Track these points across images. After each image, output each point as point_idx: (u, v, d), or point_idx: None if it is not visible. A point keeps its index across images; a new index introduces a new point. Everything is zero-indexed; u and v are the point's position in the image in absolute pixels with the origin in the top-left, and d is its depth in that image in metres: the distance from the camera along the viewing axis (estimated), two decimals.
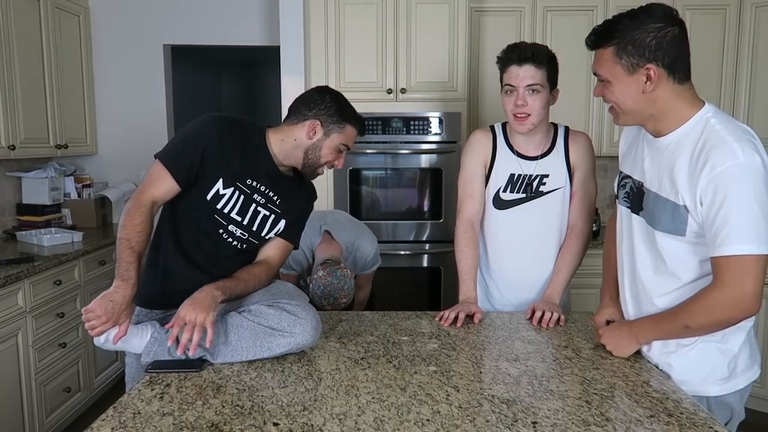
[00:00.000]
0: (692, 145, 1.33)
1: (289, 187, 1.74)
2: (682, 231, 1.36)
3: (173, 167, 1.59)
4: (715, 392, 1.42)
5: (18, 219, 3.49)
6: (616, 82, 1.38)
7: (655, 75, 1.34)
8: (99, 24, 3.87)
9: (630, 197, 1.52)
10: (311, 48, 3.17)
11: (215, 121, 1.64)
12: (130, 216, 1.54)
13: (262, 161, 1.68)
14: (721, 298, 1.29)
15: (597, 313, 1.67)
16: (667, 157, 1.39)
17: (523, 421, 1.17)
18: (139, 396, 1.29)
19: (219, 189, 1.62)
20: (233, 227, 1.67)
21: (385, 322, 1.81)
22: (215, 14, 3.88)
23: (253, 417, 1.19)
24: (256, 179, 1.67)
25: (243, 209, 1.66)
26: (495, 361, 1.50)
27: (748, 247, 1.24)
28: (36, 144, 3.25)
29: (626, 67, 1.36)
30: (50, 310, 2.80)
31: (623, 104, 1.40)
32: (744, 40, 3.43)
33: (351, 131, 1.69)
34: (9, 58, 2.99)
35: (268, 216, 1.70)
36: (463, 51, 3.16)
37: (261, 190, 1.68)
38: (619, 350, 1.52)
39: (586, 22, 3.45)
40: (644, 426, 1.15)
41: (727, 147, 1.27)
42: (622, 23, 1.36)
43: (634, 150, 1.55)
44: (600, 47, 1.40)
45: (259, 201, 1.68)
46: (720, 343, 1.40)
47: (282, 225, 1.73)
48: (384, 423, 1.16)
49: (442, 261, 3.25)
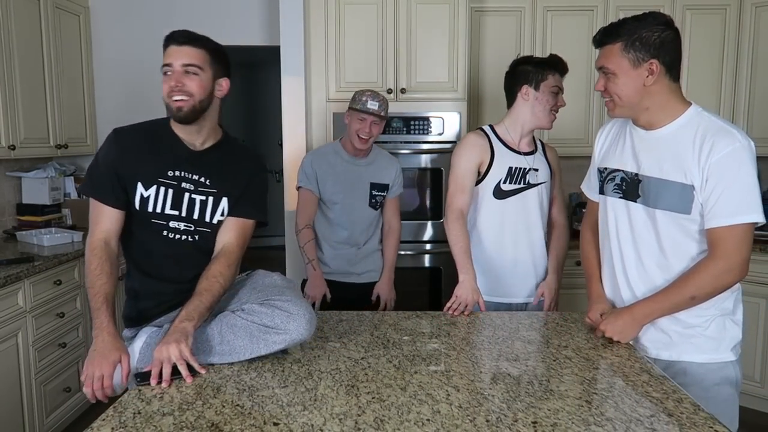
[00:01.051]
0: (692, 133, 1.51)
1: (218, 164, 1.69)
2: (687, 209, 1.52)
3: (100, 194, 1.62)
4: (734, 356, 1.60)
5: (18, 219, 3.49)
6: (621, 74, 1.54)
7: (656, 70, 1.52)
8: (99, 24, 3.87)
9: (622, 188, 1.66)
10: (311, 48, 3.17)
11: (112, 137, 1.65)
12: (87, 263, 1.58)
13: (176, 149, 1.66)
14: (724, 268, 1.48)
15: (590, 310, 1.76)
16: (666, 145, 1.55)
17: (523, 421, 1.18)
18: (139, 396, 1.29)
19: (142, 193, 1.62)
20: (174, 223, 1.65)
21: (385, 322, 1.81)
22: (215, 14, 3.89)
23: (253, 417, 1.19)
24: (176, 168, 1.64)
25: (176, 202, 1.64)
26: (495, 361, 1.50)
27: (747, 216, 1.45)
28: (36, 144, 3.25)
29: (632, 60, 1.52)
30: (50, 310, 2.80)
31: (624, 95, 1.56)
32: (744, 40, 3.43)
33: (164, 54, 1.60)
34: (9, 58, 2.99)
35: (205, 200, 1.67)
36: (463, 51, 3.16)
37: (187, 177, 1.65)
38: (625, 336, 1.61)
39: (586, 22, 3.45)
40: (644, 426, 1.15)
41: (728, 133, 1.47)
42: (629, 23, 1.53)
43: (617, 146, 1.70)
44: (608, 43, 1.56)
45: (189, 188, 1.65)
46: (731, 315, 1.60)
47: (225, 203, 1.69)
48: (384, 423, 1.17)
49: (442, 261, 3.25)
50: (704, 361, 1.58)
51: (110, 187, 1.61)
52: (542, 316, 1.90)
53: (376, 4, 3.14)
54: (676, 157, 1.52)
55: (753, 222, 1.46)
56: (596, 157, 1.80)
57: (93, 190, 1.63)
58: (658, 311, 1.58)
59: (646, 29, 1.50)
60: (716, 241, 1.48)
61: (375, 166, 2.58)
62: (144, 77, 3.95)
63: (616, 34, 1.53)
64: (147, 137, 1.66)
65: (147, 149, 1.64)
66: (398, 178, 2.64)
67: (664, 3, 3.43)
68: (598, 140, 1.81)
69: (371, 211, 2.58)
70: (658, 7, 3.43)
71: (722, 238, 1.47)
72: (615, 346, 1.60)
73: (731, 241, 1.46)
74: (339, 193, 2.51)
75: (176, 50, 1.58)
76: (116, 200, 1.61)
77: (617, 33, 1.53)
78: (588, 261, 1.84)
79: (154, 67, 3.90)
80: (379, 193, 2.59)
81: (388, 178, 2.60)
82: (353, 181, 2.53)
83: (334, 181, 2.51)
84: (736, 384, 1.60)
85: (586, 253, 1.87)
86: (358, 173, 2.54)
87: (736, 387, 1.60)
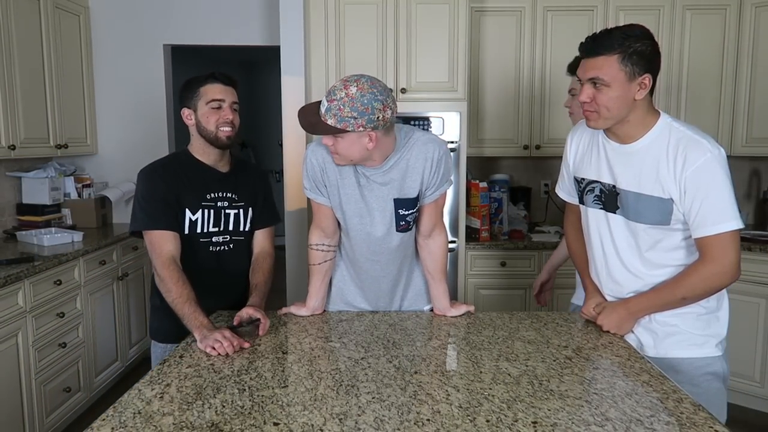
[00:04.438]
0: (664, 146, 1.53)
1: (237, 178, 1.95)
2: (667, 221, 1.56)
3: (160, 224, 1.79)
4: (720, 352, 1.65)
5: (18, 219, 3.50)
6: (616, 87, 1.51)
7: (648, 84, 1.52)
8: (99, 24, 3.87)
9: (602, 199, 1.68)
10: (311, 48, 3.17)
11: (149, 175, 1.85)
12: (165, 281, 1.74)
13: (203, 173, 1.89)
14: (713, 271, 1.53)
15: (585, 305, 1.80)
16: (640, 159, 1.57)
17: (523, 421, 1.17)
18: (139, 396, 1.29)
19: (190, 218, 1.85)
20: (216, 238, 1.90)
21: (385, 322, 1.81)
22: (215, 14, 3.89)
23: (253, 417, 1.19)
24: (210, 191, 1.88)
25: (216, 220, 1.89)
26: (495, 361, 1.50)
27: (729, 224, 1.49)
28: (36, 144, 3.25)
29: (628, 74, 1.50)
30: (50, 310, 2.80)
31: (613, 107, 1.53)
32: (744, 40, 3.43)
33: (207, 88, 1.83)
34: (9, 58, 2.99)
35: (238, 213, 1.93)
36: (463, 51, 3.16)
37: (221, 196, 1.90)
38: (622, 329, 1.66)
39: (586, 22, 3.45)
40: (644, 426, 1.15)
41: (699, 144, 1.50)
42: (619, 34, 1.49)
43: (591, 157, 1.70)
44: (602, 54, 1.51)
45: (225, 205, 1.90)
46: (716, 312, 1.65)
47: (251, 212, 1.95)
48: (384, 423, 1.17)
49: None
50: (691, 356, 1.62)
51: (167, 214, 1.80)
52: (542, 316, 1.90)
53: (376, 4, 3.14)
54: (651, 171, 1.55)
55: (733, 228, 1.50)
56: (570, 164, 1.80)
57: (152, 222, 1.80)
58: (653, 307, 1.63)
59: (639, 43, 1.48)
60: (704, 247, 1.54)
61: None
62: (144, 77, 3.96)
63: (610, 45, 1.49)
64: (179, 169, 1.88)
65: (182, 179, 1.85)
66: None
67: (664, 3, 3.43)
68: (570, 146, 1.80)
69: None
70: (658, 8, 3.44)
71: (709, 244, 1.52)
72: (615, 346, 1.60)
73: (717, 246, 1.52)
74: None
75: (226, 90, 1.84)
76: (174, 225, 1.81)
77: (611, 44, 1.49)
78: (578, 257, 1.87)
79: (154, 67, 3.95)
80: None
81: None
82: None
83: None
84: (724, 378, 1.66)
85: (574, 250, 1.90)
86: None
87: (724, 381, 1.66)
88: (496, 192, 3.42)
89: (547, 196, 3.90)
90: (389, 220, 1.76)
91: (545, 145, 3.56)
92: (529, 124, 3.55)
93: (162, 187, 1.81)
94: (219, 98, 1.82)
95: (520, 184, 3.92)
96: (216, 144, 1.85)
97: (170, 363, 1.48)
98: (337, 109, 1.53)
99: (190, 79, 1.87)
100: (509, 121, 3.55)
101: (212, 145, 1.86)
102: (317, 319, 1.85)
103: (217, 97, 1.82)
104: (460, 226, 3.24)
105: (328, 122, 1.55)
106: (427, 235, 1.86)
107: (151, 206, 1.80)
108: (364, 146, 1.59)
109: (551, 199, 3.87)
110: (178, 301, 1.69)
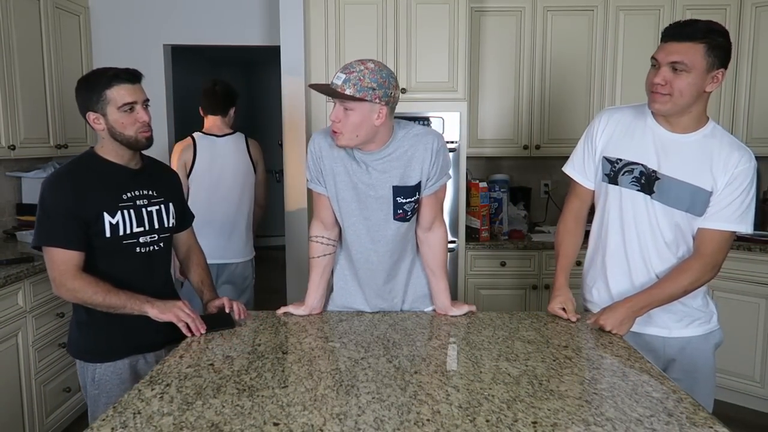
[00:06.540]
0: (717, 144, 1.64)
1: (151, 174, 1.87)
2: (701, 212, 1.66)
3: (60, 240, 1.67)
4: (718, 325, 1.82)
5: (18, 219, 3.49)
6: (696, 75, 1.57)
7: (720, 79, 1.59)
8: (99, 24, 3.87)
9: (641, 182, 1.71)
10: (311, 48, 3.17)
11: (54, 184, 1.70)
12: (84, 289, 1.66)
13: (116, 173, 1.77)
14: (710, 263, 1.66)
15: (551, 302, 1.86)
16: (692, 151, 1.65)
17: (523, 421, 1.18)
18: (139, 396, 1.29)
19: (110, 221, 1.72)
20: (143, 238, 1.79)
21: (385, 322, 1.81)
22: (215, 14, 3.88)
23: (253, 417, 1.19)
24: (126, 190, 1.77)
25: (139, 219, 1.78)
26: (495, 361, 1.50)
27: (741, 226, 1.64)
28: (36, 144, 3.25)
29: (709, 64, 1.57)
30: (50, 310, 2.80)
31: (687, 93, 1.59)
32: (744, 40, 3.43)
33: (114, 91, 1.70)
34: (9, 58, 2.99)
35: (160, 209, 1.84)
36: (463, 51, 3.16)
37: (139, 194, 1.79)
38: (623, 328, 1.69)
39: (586, 22, 3.45)
40: (644, 426, 1.16)
41: (745, 150, 1.65)
42: (707, 27, 1.57)
43: (633, 138, 1.73)
44: (691, 41, 1.56)
45: (144, 203, 1.80)
46: (708, 293, 1.84)
47: (172, 208, 1.88)
48: (384, 423, 1.16)
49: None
50: (705, 332, 1.78)
51: (70, 229, 1.67)
52: (542, 316, 1.90)
53: (376, 4, 3.14)
54: (701, 163, 1.64)
55: (740, 231, 1.67)
56: (597, 143, 1.78)
57: (52, 240, 1.67)
58: (655, 303, 1.70)
59: (722, 37, 1.56)
60: (706, 241, 1.66)
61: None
62: (144, 77, 3.95)
63: (698, 34, 1.55)
64: (88, 173, 1.74)
65: (96, 182, 1.73)
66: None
67: (664, 3, 3.42)
68: (600, 125, 1.78)
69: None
70: (658, 8, 3.43)
71: (713, 239, 1.65)
72: (615, 346, 1.60)
73: (717, 242, 1.66)
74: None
75: (135, 89, 1.73)
76: (78, 241, 1.69)
77: (699, 33, 1.55)
78: (567, 250, 1.89)
79: (153, 67, 3.94)
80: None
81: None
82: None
83: None
84: (718, 347, 1.84)
85: (567, 243, 1.90)
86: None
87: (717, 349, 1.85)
88: (496, 192, 3.42)
89: (547, 196, 3.90)
90: (387, 207, 1.78)
91: (545, 145, 3.56)
92: (529, 124, 3.55)
93: (69, 198, 1.67)
94: (130, 101, 1.70)
95: (520, 184, 3.92)
96: (135, 147, 1.75)
97: (170, 363, 1.48)
98: (357, 80, 1.60)
99: (89, 80, 1.72)
100: (509, 121, 3.55)
101: (130, 148, 1.76)
102: (317, 319, 1.85)
103: (127, 100, 1.69)
104: (460, 226, 3.23)
105: (346, 92, 1.61)
106: (427, 227, 1.87)
107: (52, 221, 1.68)
108: (372, 122, 1.65)
109: (551, 199, 3.87)
110: (108, 296, 1.65)
